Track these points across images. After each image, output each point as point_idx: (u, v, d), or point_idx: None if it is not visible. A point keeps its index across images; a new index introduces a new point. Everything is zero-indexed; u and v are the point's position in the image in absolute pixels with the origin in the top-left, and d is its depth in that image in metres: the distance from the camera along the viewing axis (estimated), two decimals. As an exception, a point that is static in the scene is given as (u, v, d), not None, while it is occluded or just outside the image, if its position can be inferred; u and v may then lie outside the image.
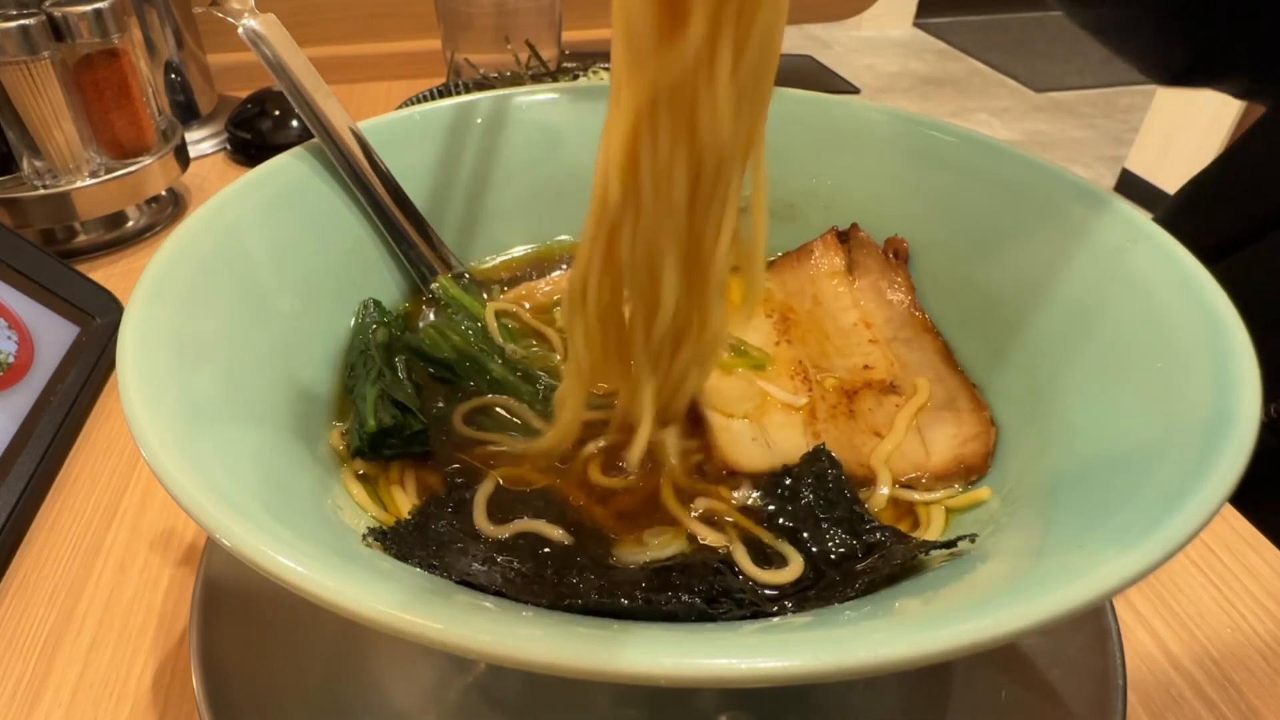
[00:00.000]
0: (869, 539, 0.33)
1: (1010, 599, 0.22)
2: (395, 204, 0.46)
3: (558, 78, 0.89)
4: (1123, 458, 0.31)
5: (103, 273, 0.71)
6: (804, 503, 0.35)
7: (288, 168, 0.44)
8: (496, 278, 0.51)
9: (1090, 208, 0.40)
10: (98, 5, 0.67)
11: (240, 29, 0.46)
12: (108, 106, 0.71)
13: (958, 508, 0.36)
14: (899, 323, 0.46)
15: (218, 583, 0.39)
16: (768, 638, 0.26)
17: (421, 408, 0.39)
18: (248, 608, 0.39)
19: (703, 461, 0.38)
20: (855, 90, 1.09)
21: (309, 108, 0.45)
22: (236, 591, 0.39)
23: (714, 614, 0.29)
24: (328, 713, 0.37)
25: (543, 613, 0.27)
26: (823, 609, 0.29)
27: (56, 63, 0.66)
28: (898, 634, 0.21)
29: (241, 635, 0.38)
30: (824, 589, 0.31)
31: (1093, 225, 0.39)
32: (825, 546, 0.34)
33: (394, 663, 0.39)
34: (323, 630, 0.39)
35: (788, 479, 0.36)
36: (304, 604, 0.22)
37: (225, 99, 0.98)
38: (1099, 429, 0.33)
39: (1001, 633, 0.21)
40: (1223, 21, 0.63)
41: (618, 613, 0.29)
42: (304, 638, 0.39)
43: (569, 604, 0.28)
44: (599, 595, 0.30)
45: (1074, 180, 0.41)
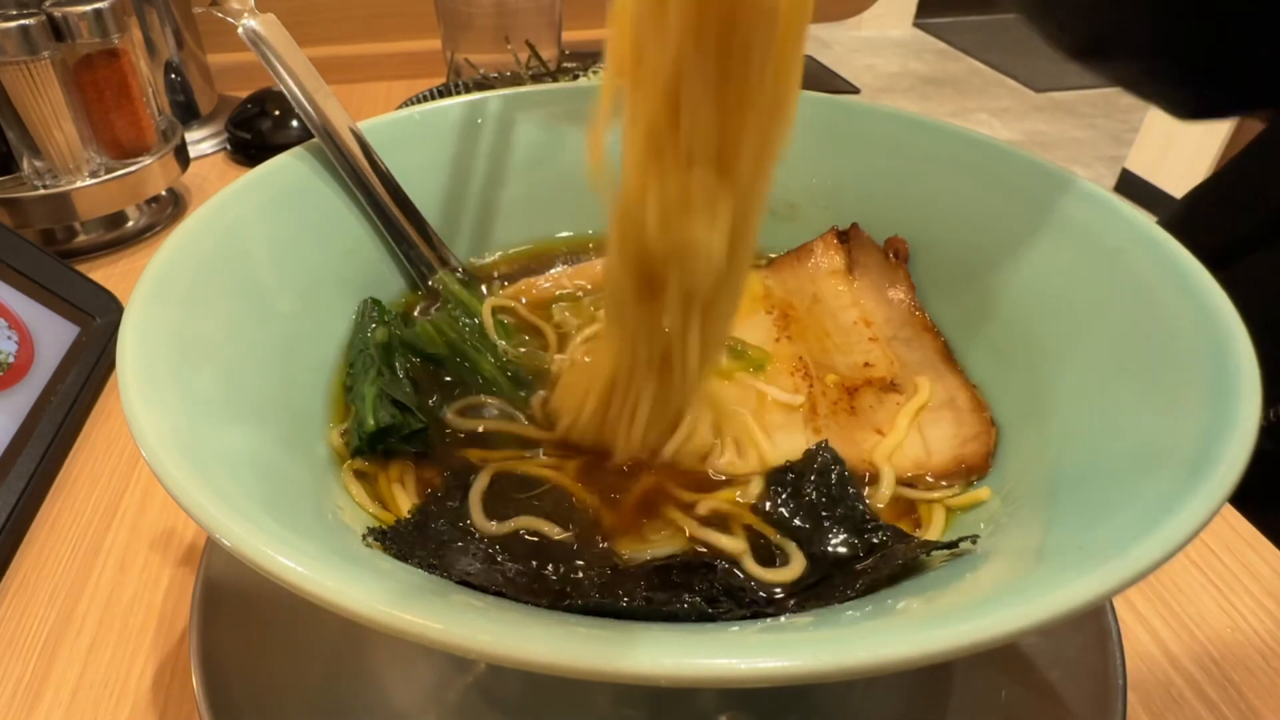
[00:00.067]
0: (871, 538, 0.33)
1: (1010, 599, 0.22)
2: (395, 204, 0.46)
3: (558, 78, 0.88)
4: (1123, 458, 0.31)
5: (103, 273, 0.71)
6: (806, 499, 0.35)
7: (288, 168, 0.44)
8: (496, 273, 0.51)
9: (1090, 208, 0.40)
10: (98, 5, 0.67)
11: (240, 29, 0.46)
12: (108, 106, 0.71)
13: (958, 507, 0.36)
14: (899, 322, 0.46)
15: (218, 583, 0.39)
16: (768, 638, 0.26)
17: (420, 406, 0.39)
18: (248, 608, 0.39)
19: (704, 459, 0.38)
20: (855, 90, 1.09)
21: (309, 108, 0.45)
22: (236, 591, 0.39)
23: (714, 614, 0.29)
24: (328, 713, 0.37)
25: (543, 613, 0.27)
26: (823, 609, 0.29)
27: (56, 63, 0.66)
28: (898, 634, 0.21)
29: (241, 635, 0.38)
30: (825, 589, 0.31)
31: (1093, 226, 0.39)
32: (827, 545, 0.34)
33: (394, 663, 0.39)
34: (323, 630, 0.39)
35: (790, 475, 0.36)
36: (304, 604, 0.22)
37: (225, 99, 0.98)
38: (1099, 429, 0.33)
39: (1001, 633, 0.21)
40: (1251, 63, 0.62)
41: (618, 613, 0.29)
42: (304, 638, 0.39)
43: (569, 604, 0.28)
44: (599, 595, 0.30)
45: (1074, 180, 0.41)
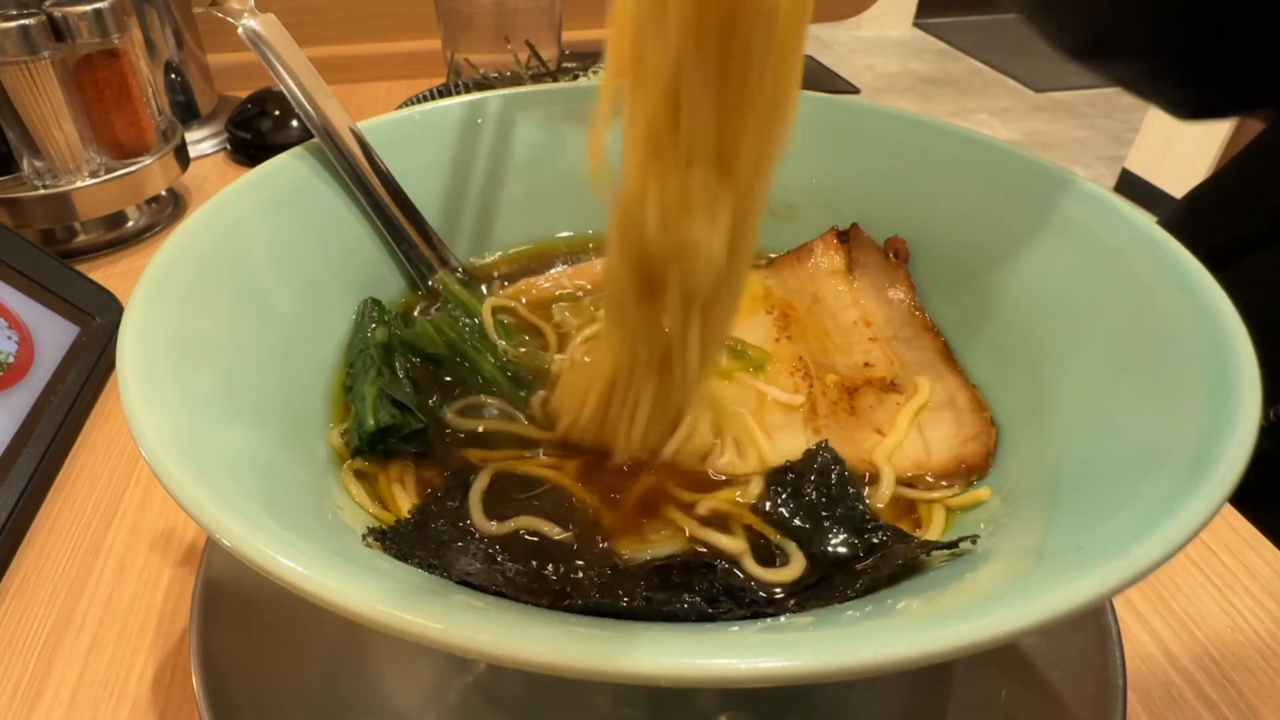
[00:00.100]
0: (871, 538, 0.33)
1: (1010, 599, 0.22)
2: (395, 204, 0.46)
3: (558, 78, 0.88)
4: (1123, 458, 0.31)
5: (103, 273, 0.71)
6: (806, 499, 0.35)
7: (288, 168, 0.44)
8: (496, 273, 0.51)
9: (1090, 208, 0.40)
10: (98, 5, 0.67)
11: (240, 29, 0.46)
12: (108, 106, 0.71)
13: (958, 507, 0.36)
14: (899, 322, 0.46)
15: (218, 583, 0.39)
16: (768, 638, 0.26)
17: (420, 406, 0.39)
18: (248, 608, 0.39)
19: (704, 459, 0.38)
20: (855, 90, 1.09)
21: (309, 108, 0.45)
22: (236, 591, 0.39)
23: (714, 614, 0.29)
24: (328, 713, 0.37)
25: (543, 613, 0.27)
26: (823, 609, 0.29)
27: (56, 63, 0.66)
28: (898, 634, 0.21)
29: (241, 635, 0.38)
30: (825, 589, 0.31)
31: (1093, 226, 0.39)
32: (827, 545, 0.34)
33: (394, 663, 0.39)
34: (323, 630, 0.39)
35: (790, 475, 0.36)
36: (304, 604, 0.22)
37: (225, 99, 0.98)
38: (1099, 429, 0.33)
39: (1001, 633, 0.21)
40: (1251, 63, 0.62)
41: (618, 613, 0.28)
42: (304, 638, 0.39)
43: (569, 604, 0.28)
44: (599, 595, 0.30)
45: (1074, 180, 0.41)
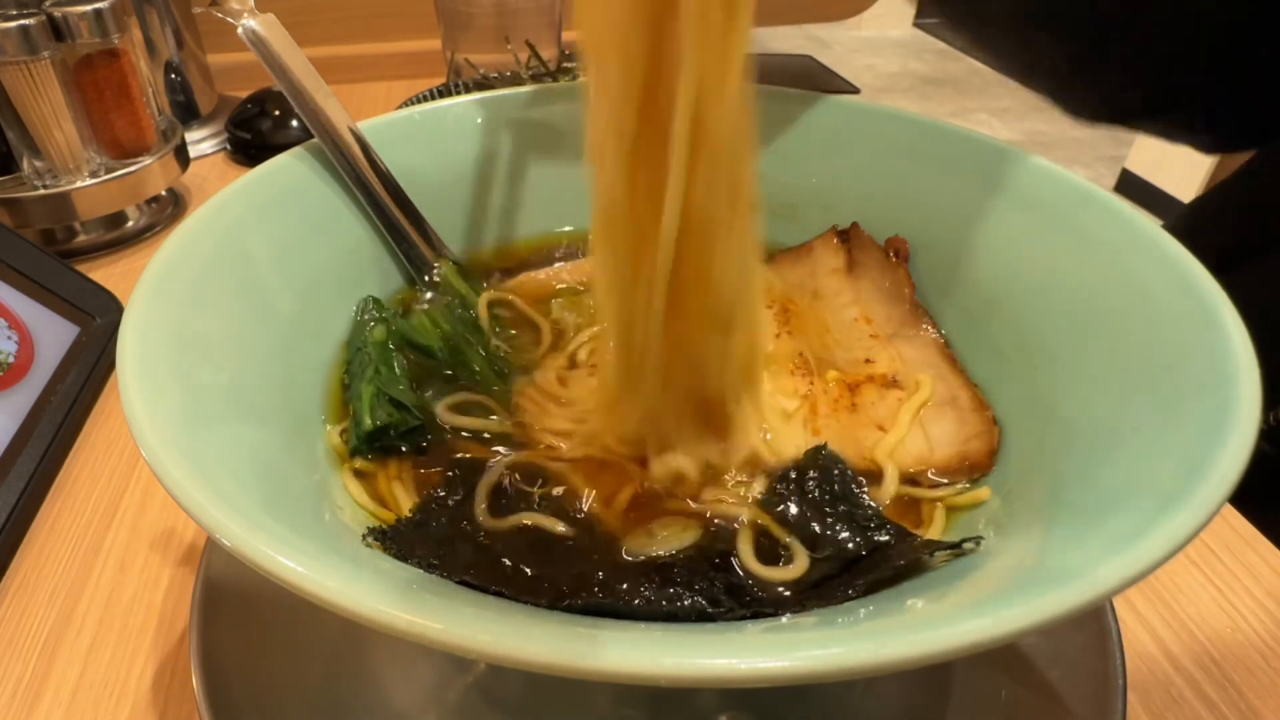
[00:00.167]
0: (875, 537, 0.33)
1: (1010, 599, 0.22)
2: (395, 204, 0.46)
3: (558, 78, 0.88)
4: (1123, 458, 0.31)
5: (103, 273, 0.71)
6: (810, 497, 0.35)
7: (288, 168, 0.44)
8: (495, 268, 0.51)
9: (1089, 208, 0.40)
10: (98, 5, 0.67)
11: (240, 29, 0.46)
12: (108, 106, 0.71)
13: (959, 506, 0.36)
14: (899, 320, 0.46)
15: (218, 583, 0.39)
16: (768, 638, 0.26)
17: (418, 404, 0.39)
18: (248, 608, 0.39)
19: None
20: (855, 90, 1.09)
21: (309, 108, 0.45)
22: (236, 591, 0.39)
23: (715, 614, 0.29)
24: (328, 713, 0.37)
25: (543, 613, 0.27)
26: (824, 609, 0.29)
27: (56, 63, 0.66)
28: (898, 634, 0.21)
29: (241, 635, 0.38)
30: (825, 588, 0.31)
31: (1092, 226, 0.39)
32: (829, 543, 0.33)
33: (394, 663, 0.39)
34: (323, 630, 0.39)
35: (793, 473, 0.36)
36: (304, 604, 0.22)
37: (225, 99, 0.98)
38: (1099, 429, 0.33)
39: (1001, 633, 0.21)
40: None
41: (618, 612, 0.28)
42: (304, 638, 0.39)
43: (569, 604, 0.28)
44: (601, 594, 0.30)
45: (1074, 180, 0.41)
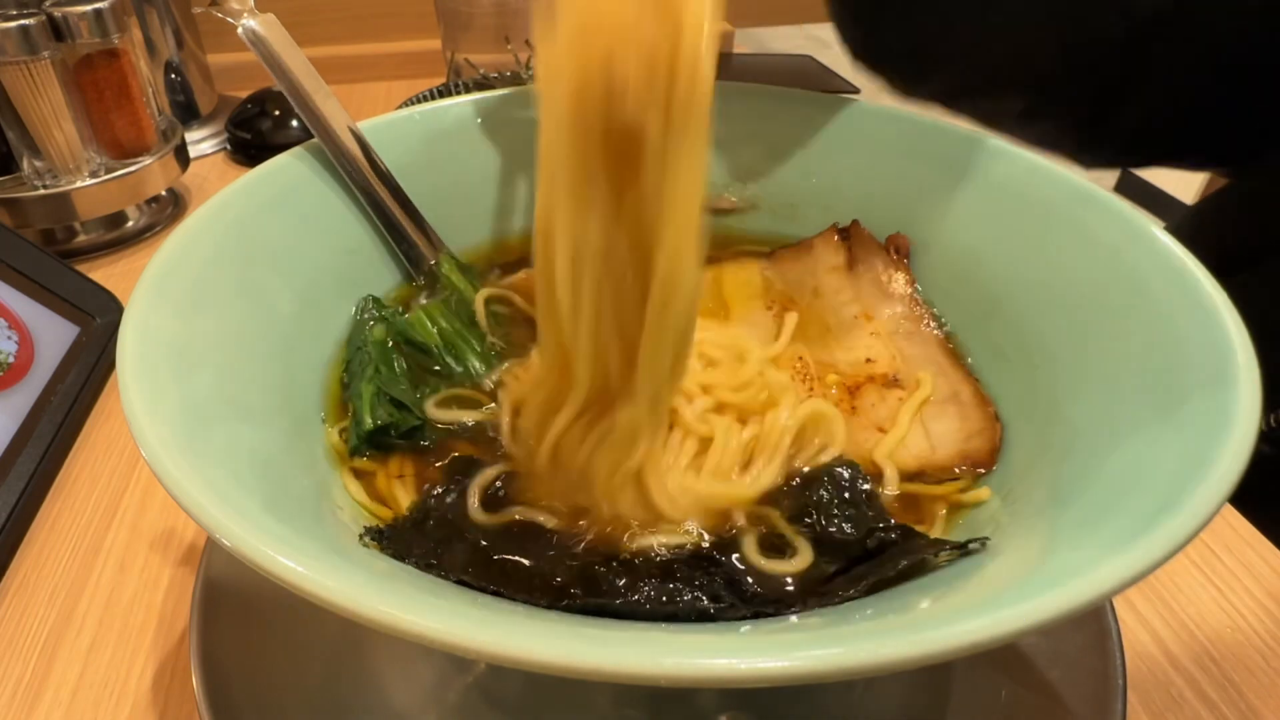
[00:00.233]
0: (882, 536, 0.33)
1: (1010, 599, 0.22)
2: (395, 203, 0.46)
3: (558, 78, 0.88)
4: (1123, 457, 0.31)
5: (103, 273, 0.71)
6: (815, 498, 0.35)
7: (288, 168, 0.44)
8: (496, 263, 0.51)
9: (1089, 208, 0.40)
10: (98, 5, 0.67)
11: (240, 29, 0.46)
12: (108, 106, 0.71)
13: (961, 505, 0.36)
14: (900, 317, 0.46)
15: (218, 583, 0.39)
16: (768, 638, 0.26)
17: (417, 403, 0.39)
18: (248, 608, 0.39)
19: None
20: (855, 90, 1.09)
21: (308, 108, 0.45)
22: (236, 591, 0.39)
23: (716, 612, 0.29)
24: (328, 713, 0.37)
25: (543, 613, 0.27)
26: (824, 608, 0.29)
27: (56, 63, 0.66)
28: (898, 634, 0.21)
29: (241, 635, 0.38)
30: (828, 587, 0.31)
31: (1092, 225, 0.39)
32: (834, 540, 0.34)
33: (394, 663, 0.39)
34: (323, 630, 0.39)
35: (803, 472, 0.36)
36: (304, 604, 0.22)
37: (225, 99, 0.98)
38: (1100, 429, 0.33)
39: (1001, 633, 0.21)
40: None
41: (618, 612, 0.29)
42: (304, 638, 0.39)
43: (569, 604, 0.28)
44: (602, 592, 0.30)
45: (1073, 180, 0.41)
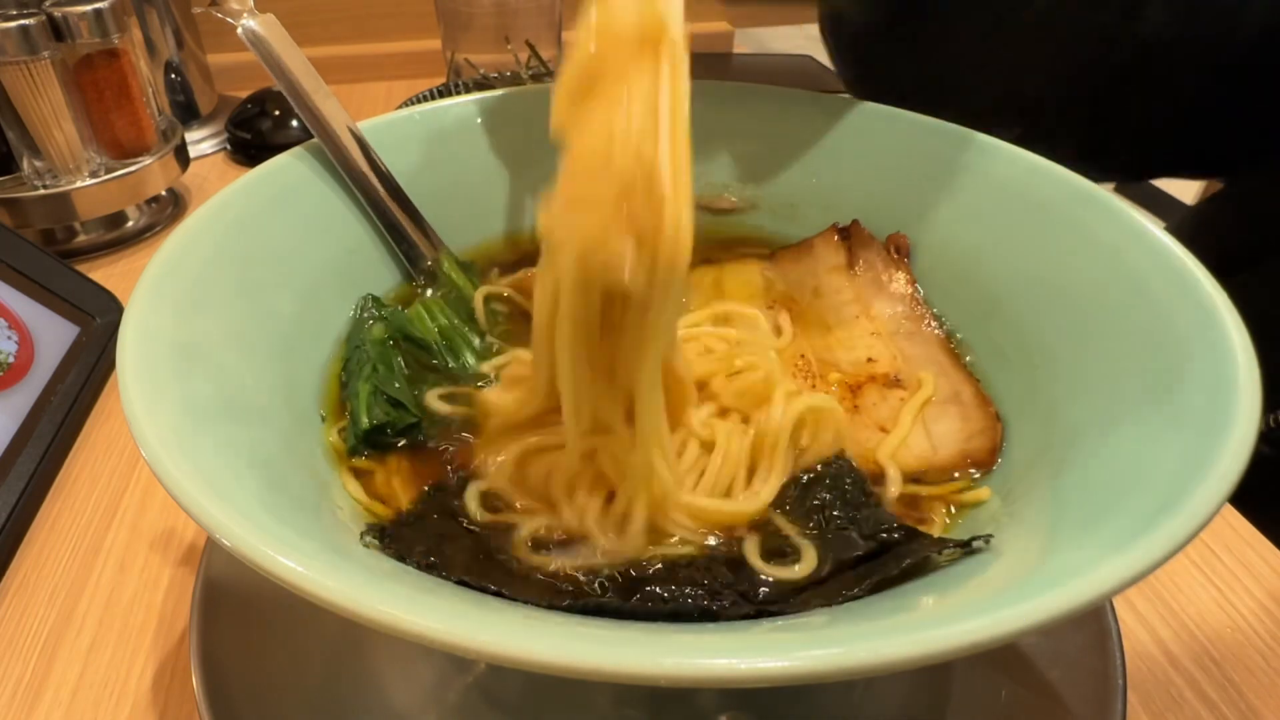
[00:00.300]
0: (885, 536, 0.33)
1: (1011, 599, 0.22)
2: (395, 203, 0.46)
3: (558, 78, 0.88)
4: (1123, 457, 0.31)
5: (103, 273, 0.71)
6: (819, 499, 0.35)
7: (288, 168, 0.44)
8: (496, 262, 0.51)
9: (1089, 208, 0.40)
10: (98, 5, 0.67)
11: (240, 29, 0.46)
12: (108, 106, 0.71)
13: (961, 504, 0.36)
14: (901, 317, 0.46)
15: (218, 583, 0.39)
16: (768, 638, 0.26)
17: (415, 401, 0.39)
18: (248, 608, 0.39)
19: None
20: (855, 90, 1.09)
21: (308, 108, 0.45)
22: (236, 591, 0.39)
23: (717, 611, 0.29)
24: (328, 713, 0.37)
25: (543, 613, 0.27)
26: (825, 608, 0.29)
27: (56, 63, 0.66)
28: (898, 634, 0.21)
29: (241, 635, 0.38)
30: (830, 587, 0.31)
31: (1091, 225, 0.39)
32: (838, 544, 0.33)
33: (394, 663, 0.39)
34: (323, 630, 0.39)
35: (806, 476, 0.36)
36: (304, 604, 0.22)
37: (225, 99, 0.98)
38: (1100, 429, 0.33)
39: (1001, 633, 0.21)
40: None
41: (618, 612, 0.28)
42: (304, 638, 0.39)
43: (569, 604, 0.28)
44: (603, 592, 0.30)
45: (1074, 180, 0.41)
